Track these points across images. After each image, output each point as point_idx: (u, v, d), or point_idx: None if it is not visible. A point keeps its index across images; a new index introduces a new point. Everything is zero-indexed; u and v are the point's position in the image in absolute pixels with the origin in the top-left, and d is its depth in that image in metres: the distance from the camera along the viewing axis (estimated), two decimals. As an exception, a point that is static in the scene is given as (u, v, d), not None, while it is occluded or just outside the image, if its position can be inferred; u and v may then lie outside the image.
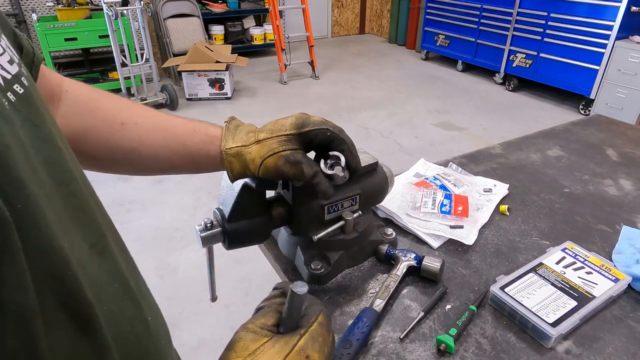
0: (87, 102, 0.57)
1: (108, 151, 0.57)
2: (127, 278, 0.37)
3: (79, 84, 0.58)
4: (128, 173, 0.62)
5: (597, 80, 3.88)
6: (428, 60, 5.90)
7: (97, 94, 0.58)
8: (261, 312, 0.46)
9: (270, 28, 5.43)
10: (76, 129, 0.55)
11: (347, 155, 0.58)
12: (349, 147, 0.58)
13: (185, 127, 0.59)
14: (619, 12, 3.63)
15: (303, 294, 0.41)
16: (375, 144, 3.50)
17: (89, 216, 0.34)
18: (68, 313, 0.28)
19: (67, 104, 0.55)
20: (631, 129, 1.37)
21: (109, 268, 0.34)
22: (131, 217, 2.57)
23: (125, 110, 0.58)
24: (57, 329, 0.27)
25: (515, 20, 4.49)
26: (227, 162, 0.57)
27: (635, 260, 0.75)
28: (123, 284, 0.36)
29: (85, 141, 0.56)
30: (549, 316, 0.63)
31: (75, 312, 0.29)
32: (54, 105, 0.54)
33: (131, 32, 3.91)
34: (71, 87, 0.56)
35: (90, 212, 0.34)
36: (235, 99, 4.41)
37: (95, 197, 0.38)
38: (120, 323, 0.34)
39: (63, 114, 0.54)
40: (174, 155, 0.58)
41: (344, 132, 0.59)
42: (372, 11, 7.42)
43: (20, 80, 0.31)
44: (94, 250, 0.32)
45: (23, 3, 4.45)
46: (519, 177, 1.08)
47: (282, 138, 0.57)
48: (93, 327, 0.30)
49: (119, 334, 0.33)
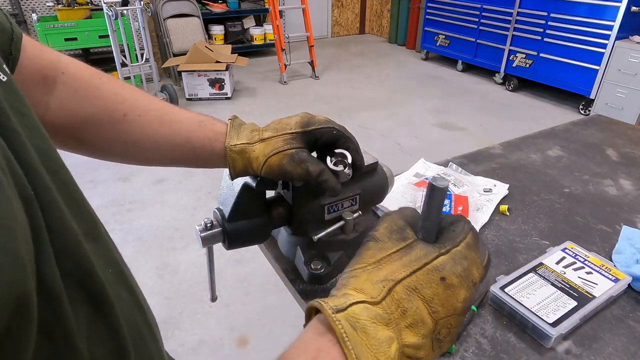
0: (86, 89, 0.53)
1: (107, 141, 0.55)
2: (120, 264, 0.37)
3: (78, 65, 0.54)
4: (126, 162, 0.60)
5: (597, 80, 3.88)
6: (428, 60, 5.90)
7: (99, 81, 0.54)
8: (390, 214, 0.41)
9: (270, 28, 5.43)
10: (73, 116, 0.52)
11: (353, 153, 0.58)
12: (355, 145, 0.58)
13: (190, 121, 0.57)
14: (619, 12, 3.63)
15: (444, 187, 0.36)
16: (375, 144, 3.50)
17: (81, 203, 0.33)
18: (85, 292, 0.28)
19: (64, 88, 0.52)
20: (631, 129, 1.37)
21: (104, 254, 0.34)
22: (131, 217, 2.57)
23: (128, 101, 0.55)
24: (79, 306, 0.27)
25: (515, 20, 4.49)
26: (229, 159, 0.55)
27: (635, 260, 0.75)
28: (117, 270, 0.36)
29: (83, 129, 0.53)
30: (549, 316, 0.63)
31: (92, 291, 0.29)
32: (47, 89, 0.50)
33: (131, 32, 3.91)
34: (69, 69, 0.52)
35: (81, 199, 0.34)
36: (235, 99, 4.41)
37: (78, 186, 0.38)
38: (123, 306, 0.34)
39: (59, 97, 0.51)
40: (176, 149, 0.56)
41: (347, 131, 0.58)
42: (372, 11, 7.42)
43: (2, 68, 0.30)
44: (88, 237, 0.32)
45: (23, 3, 4.45)
46: (519, 177, 1.08)
47: (287, 137, 0.56)
48: (108, 305, 0.30)
49: (125, 315, 0.33)
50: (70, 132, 0.53)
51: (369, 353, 0.32)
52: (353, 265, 0.38)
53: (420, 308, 0.35)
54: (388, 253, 0.37)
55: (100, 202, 2.71)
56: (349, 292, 0.35)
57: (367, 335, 0.33)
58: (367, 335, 0.33)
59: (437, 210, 0.38)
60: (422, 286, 0.35)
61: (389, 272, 0.36)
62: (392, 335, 0.34)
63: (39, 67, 0.49)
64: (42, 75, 0.50)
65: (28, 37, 0.48)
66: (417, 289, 0.35)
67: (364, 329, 0.33)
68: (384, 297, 0.35)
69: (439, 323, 0.35)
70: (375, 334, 0.33)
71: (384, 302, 0.34)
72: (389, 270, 0.36)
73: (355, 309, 0.33)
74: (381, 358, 0.32)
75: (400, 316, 0.34)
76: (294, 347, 0.34)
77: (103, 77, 0.55)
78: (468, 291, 0.36)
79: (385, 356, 0.33)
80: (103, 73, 0.56)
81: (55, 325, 0.24)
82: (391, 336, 0.33)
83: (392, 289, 0.35)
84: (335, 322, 0.32)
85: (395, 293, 0.35)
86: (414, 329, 0.34)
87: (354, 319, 0.33)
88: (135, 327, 0.35)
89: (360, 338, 0.32)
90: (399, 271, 0.36)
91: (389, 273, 0.36)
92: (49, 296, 0.24)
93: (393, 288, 0.35)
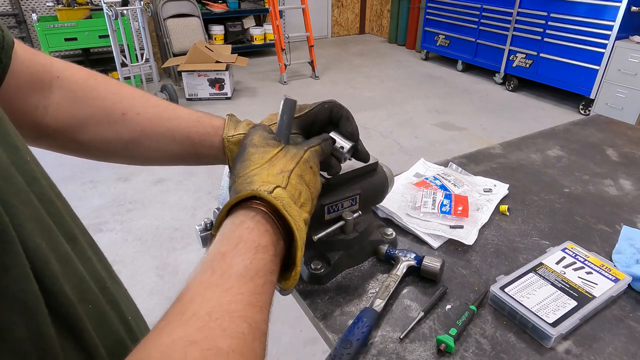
0: (83, 90, 0.53)
1: (107, 141, 0.54)
2: (102, 279, 0.37)
3: (72, 67, 0.54)
4: (126, 162, 0.60)
5: (597, 80, 3.88)
6: (428, 60, 5.90)
7: (94, 81, 0.54)
8: (256, 128, 0.52)
9: (270, 28, 5.44)
10: (72, 118, 0.52)
11: (345, 122, 0.58)
12: (347, 113, 0.58)
13: (189, 117, 0.57)
14: (619, 12, 3.63)
15: (294, 100, 0.50)
16: (375, 144, 3.50)
17: (56, 218, 0.33)
18: (50, 312, 0.28)
19: (61, 92, 0.52)
20: (631, 129, 1.37)
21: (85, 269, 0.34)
22: (131, 217, 2.57)
23: (126, 100, 0.55)
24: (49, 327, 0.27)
25: (515, 20, 4.49)
26: (227, 150, 0.56)
27: (635, 260, 0.75)
28: (99, 285, 0.36)
29: (82, 131, 0.53)
30: (549, 316, 0.63)
31: (58, 313, 0.28)
32: (43, 93, 0.51)
33: (131, 32, 3.91)
34: (64, 72, 0.52)
35: (57, 214, 0.34)
36: (235, 99, 4.41)
37: (62, 198, 0.37)
38: (103, 323, 0.34)
39: (56, 101, 0.51)
40: (176, 146, 0.56)
41: (337, 102, 0.59)
42: (372, 11, 7.42)
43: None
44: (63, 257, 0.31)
45: (23, 3, 4.45)
46: (519, 177, 1.07)
47: None
48: (79, 328, 0.30)
49: (104, 333, 0.33)
50: (70, 135, 0.53)
51: (297, 223, 0.42)
52: (247, 167, 0.46)
53: (306, 189, 0.46)
54: (274, 154, 0.47)
55: (100, 202, 2.71)
56: (259, 184, 0.43)
57: (292, 208, 0.43)
58: (292, 208, 0.43)
59: (289, 119, 0.51)
60: (304, 173, 0.47)
61: (282, 166, 0.46)
62: (298, 213, 0.44)
63: (34, 71, 0.49)
64: (37, 80, 0.50)
65: (20, 42, 0.47)
66: (302, 176, 0.46)
67: (289, 204, 0.42)
68: (287, 184, 0.44)
69: (313, 202, 0.48)
70: (294, 209, 0.43)
71: (288, 186, 0.44)
72: (281, 165, 0.46)
73: (278, 191, 0.43)
74: (301, 225, 0.43)
75: (298, 196, 0.45)
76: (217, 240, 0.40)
77: (98, 77, 0.55)
78: (319, 175, 0.51)
79: (302, 224, 0.43)
80: (98, 73, 0.56)
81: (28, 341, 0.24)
82: (298, 213, 0.44)
83: (289, 178, 0.45)
84: (274, 199, 0.41)
85: (292, 180, 0.45)
86: (305, 207, 0.46)
87: (281, 198, 0.42)
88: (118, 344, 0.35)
89: (291, 209, 0.42)
90: (288, 164, 0.46)
91: (282, 167, 0.46)
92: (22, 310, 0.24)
93: (289, 176, 0.45)
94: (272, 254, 0.39)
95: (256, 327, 0.33)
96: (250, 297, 0.34)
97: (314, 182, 0.48)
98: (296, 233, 0.42)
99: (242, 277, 0.35)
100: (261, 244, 0.39)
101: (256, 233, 0.39)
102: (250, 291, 0.34)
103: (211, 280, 0.34)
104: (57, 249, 0.31)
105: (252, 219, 0.40)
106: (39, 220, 0.30)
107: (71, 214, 0.38)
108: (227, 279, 0.34)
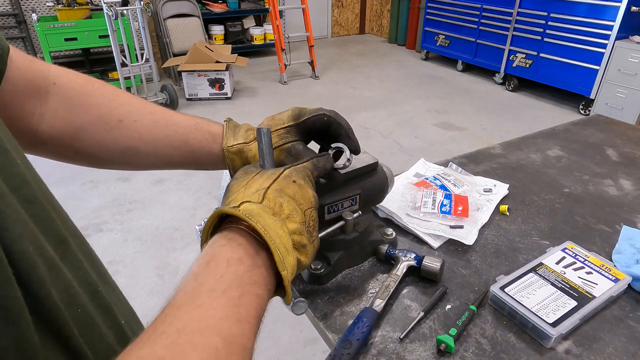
0: (79, 97, 0.53)
1: (104, 148, 0.54)
2: (93, 283, 0.37)
3: (69, 74, 0.54)
4: (124, 169, 0.60)
5: (597, 80, 3.88)
6: (428, 60, 5.90)
7: (91, 87, 0.54)
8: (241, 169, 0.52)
9: (270, 28, 5.44)
10: (69, 126, 0.52)
11: (345, 138, 0.58)
12: (346, 130, 0.58)
13: (186, 123, 0.57)
14: (619, 12, 3.63)
15: (268, 130, 0.51)
16: (375, 144, 3.50)
17: (46, 222, 0.33)
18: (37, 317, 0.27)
19: (57, 99, 0.51)
20: (631, 129, 1.37)
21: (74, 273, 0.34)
22: (131, 217, 2.57)
23: (123, 107, 0.55)
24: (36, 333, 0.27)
25: (515, 20, 4.49)
26: (229, 160, 0.56)
27: (635, 260, 0.75)
28: (90, 289, 0.36)
29: (79, 138, 0.53)
30: (549, 316, 0.63)
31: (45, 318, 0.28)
32: (40, 100, 0.50)
33: (131, 32, 3.91)
34: (60, 79, 0.52)
35: (47, 217, 0.33)
36: (235, 99, 4.41)
37: (53, 201, 0.37)
38: (93, 329, 0.34)
39: (53, 108, 0.51)
40: (174, 152, 0.56)
41: (339, 115, 0.58)
42: (372, 11, 7.42)
43: None
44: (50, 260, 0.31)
45: (23, 3, 4.45)
46: (519, 177, 1.07)
47: (281, 131, 0.57)
48: (66, 334, 0.30)
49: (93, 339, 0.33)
50: (67, 141, 0.53)
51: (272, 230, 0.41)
52: (227, 198, 0.46)
53: (289, 202, 0.45)
54: (250, 178, 0.47)
55: (100, 202, 2.71)
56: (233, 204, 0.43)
57: (263, 217, 0.41)
58: (263, 217, 0.41)
59: (268, 147, 0.51)
60: (284, 187, 0.46)
61: (258, 185, 0.46)
62: (279, 222, 0.43)
63: (30, 78, 0.49)
64: (34, 87, 0.49)
65: (17, 49, 0.47)
66: (282, 190, 0.45)
67: (259, 214, 0.41)
68: (261, 200, 0.44)
69: (305, 213, 0.46)
70: (268, 217, 0.42)
71: (264, 201, 0.43)
72: (257, 185, 0.46)
73: (246, 205, 0.42)
74: (280, 232, 0.42)
75: (280, 209, 0.44)
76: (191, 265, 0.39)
77: (95, 83, 0.55)
78: (311, 189, 0.49)
79: (283, 231, 0.42)
80: (95, 80, 0.56)
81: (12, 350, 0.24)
82: (279, 222, 0.43)
83: (265, 193, 0.44)
84: (237, 210, 0.40)
85: (269, 194, 0.44)
86: (292, 218, 0.44)
87: (248, 210, 0.41)
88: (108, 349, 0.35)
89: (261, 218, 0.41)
90: (265, 182, 0.46)
91: (258, 186, 0.45)
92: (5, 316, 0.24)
93: (265, 193, 0.44)
94: (248, 264, 0.38)
95: (231, 341, 0.32)
96: (223, 310, 0.33)
97: (302, 194, 0.47)
98: (267, 240, 0.40)
99: (212, 292, 0.34)
100: (233, 257, 0.38)
101: (228, 248, 0.39)
102: (223, 305, 0.34)
103: (183, 300, 0.34)
104: (44, 253, 0.30)
105: (224, 237, 0.40)
106: (26, 224, 0.29)
107: (63, 217, 0.37)
108: (197, 296, 0.34)
